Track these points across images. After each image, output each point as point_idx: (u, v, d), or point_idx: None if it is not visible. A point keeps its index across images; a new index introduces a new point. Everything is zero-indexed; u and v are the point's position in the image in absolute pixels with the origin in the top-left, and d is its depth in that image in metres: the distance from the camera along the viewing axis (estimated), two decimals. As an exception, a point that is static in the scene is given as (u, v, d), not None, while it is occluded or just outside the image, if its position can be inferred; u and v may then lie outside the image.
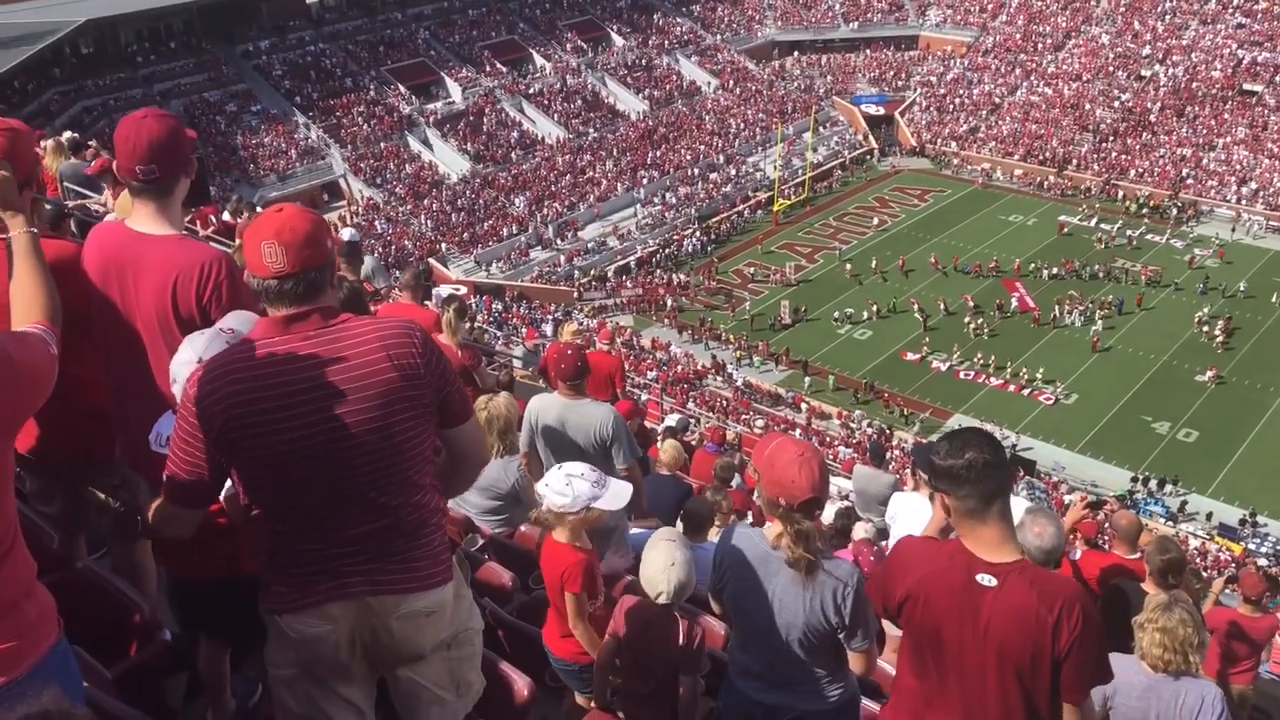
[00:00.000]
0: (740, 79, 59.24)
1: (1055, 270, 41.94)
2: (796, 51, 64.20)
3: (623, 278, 44.17)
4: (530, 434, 5.34)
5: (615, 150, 51.30)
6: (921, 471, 3.02)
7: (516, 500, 5.54)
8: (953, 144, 55.87)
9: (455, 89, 51.47)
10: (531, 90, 53.22)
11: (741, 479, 10.27)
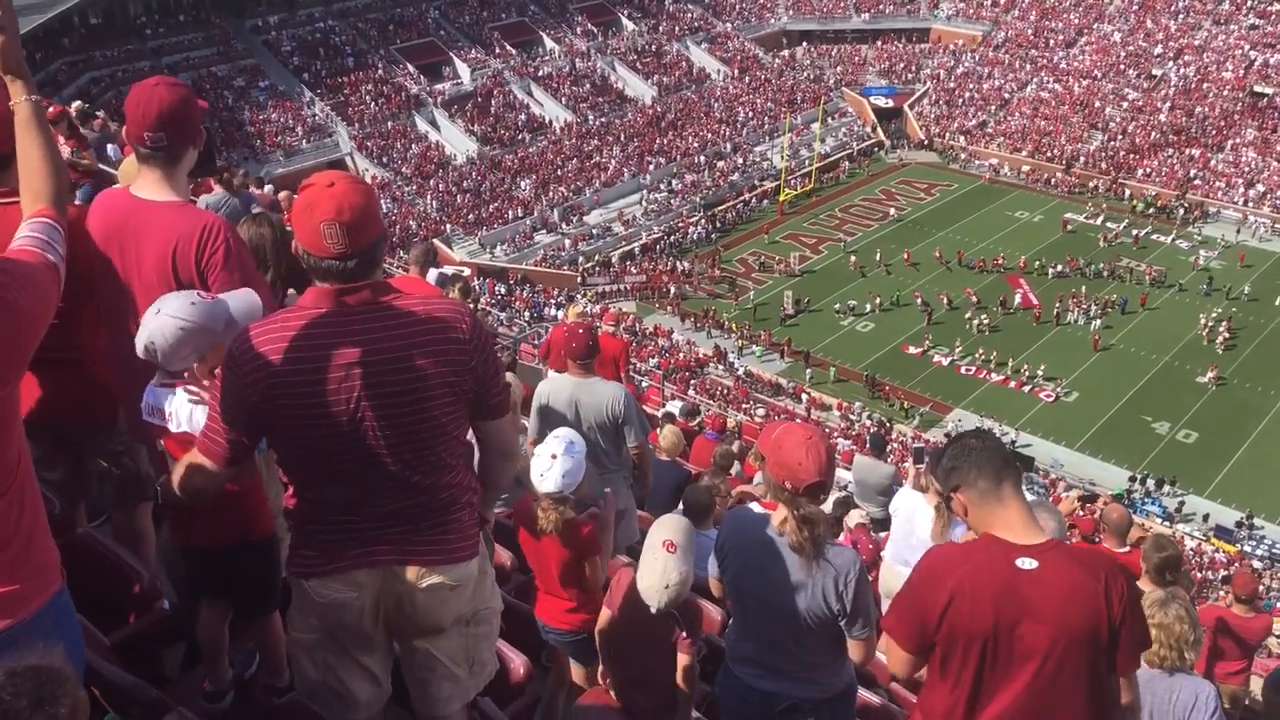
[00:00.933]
0: (750, 67, 59.01)
1: (1060, 268, 41.90)
2: (806, 41, 63.98)
3: (627, 264, 44.10)
4: (539, 418, 5.28)
5: (622, 136, 51.14)
6: (936, 481, 3.05)
7: (519, 483, 5.52)
8: (961, 138, 55.70)
9: (464, 70, 51.28)
10: (540, 73, 53.04)
11: (741, 467, 10.28)
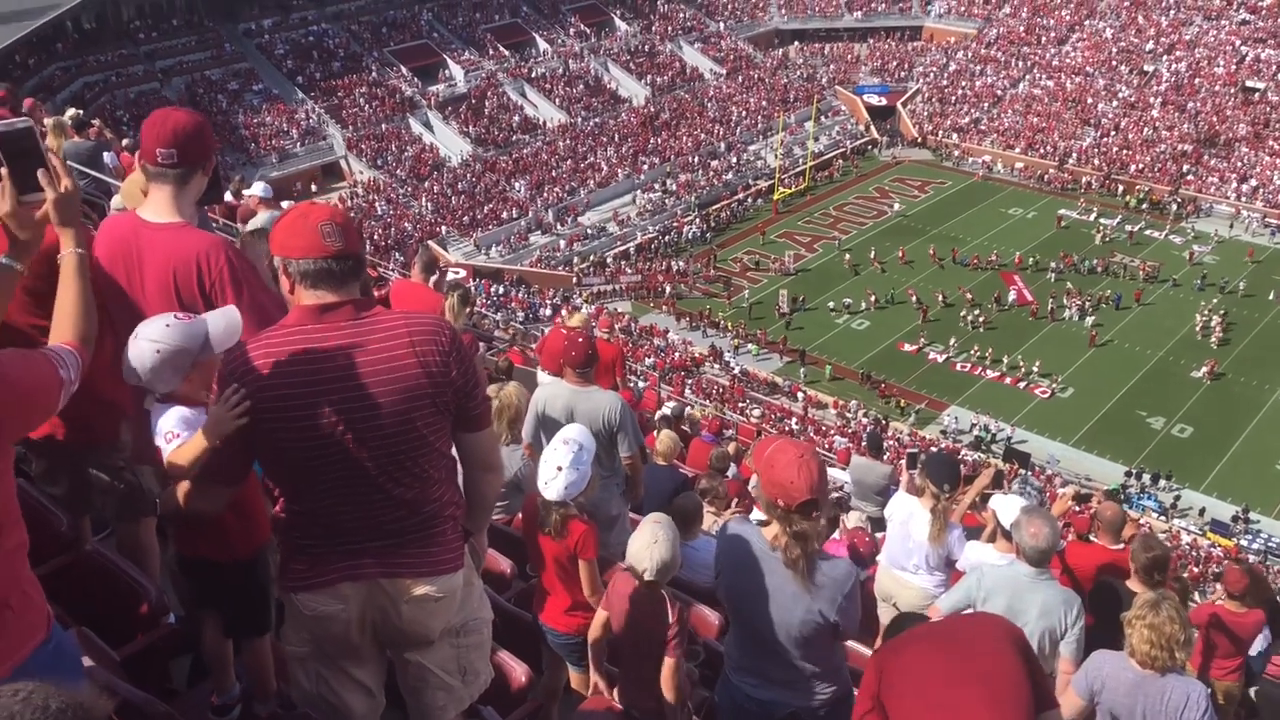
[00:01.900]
0: (743, 66, 59.04)
1: (1054, 264, 41.96)
2: (798, 40, 64.01)
3: (622, 264, 44.13)
4: (535, 425, 5.32)
5: (616, 136, 51.16)
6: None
7: (518, 489, 5.58)
8: (954, 136, 55.77)
9: (458, 71, 51.30)
10: (534, 74, 53.03)
11: (737, 469, 10.31)
